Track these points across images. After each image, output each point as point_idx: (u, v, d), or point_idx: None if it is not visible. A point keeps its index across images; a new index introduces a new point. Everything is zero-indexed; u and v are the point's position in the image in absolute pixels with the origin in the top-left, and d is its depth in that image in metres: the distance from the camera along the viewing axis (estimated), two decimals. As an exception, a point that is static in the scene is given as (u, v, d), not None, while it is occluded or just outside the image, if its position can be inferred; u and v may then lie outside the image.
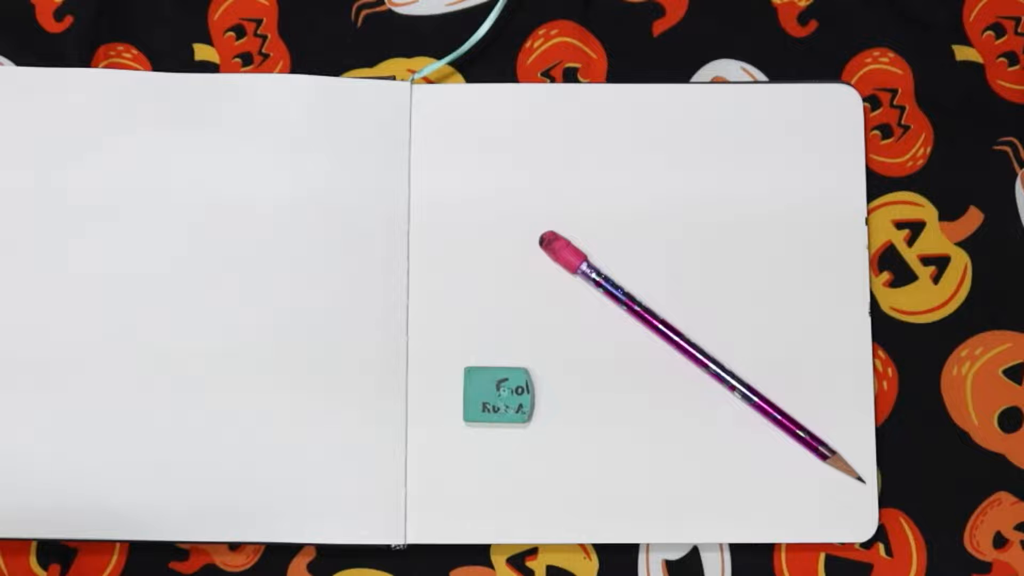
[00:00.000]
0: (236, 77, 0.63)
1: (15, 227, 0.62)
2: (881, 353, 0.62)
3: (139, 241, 0.62)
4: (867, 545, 0.61)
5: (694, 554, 0.62)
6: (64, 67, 0.64)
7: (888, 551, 0.61)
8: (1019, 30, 0.65)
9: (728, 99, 0.64)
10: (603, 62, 0.65)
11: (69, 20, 0.65)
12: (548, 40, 0.65)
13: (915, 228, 0.64)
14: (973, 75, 0.65)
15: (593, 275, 0.61)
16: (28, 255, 0.62)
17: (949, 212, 0.64)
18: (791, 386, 0.61)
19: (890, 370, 0.62)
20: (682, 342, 0.60)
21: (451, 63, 0.64)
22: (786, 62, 0.65)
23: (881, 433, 0.61)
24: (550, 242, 0.61)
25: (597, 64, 0.65)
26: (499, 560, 0.61)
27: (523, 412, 0.60)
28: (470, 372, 0.60)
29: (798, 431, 0.60)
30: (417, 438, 0.61)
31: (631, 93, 0.63)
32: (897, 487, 0.61)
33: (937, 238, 0.64)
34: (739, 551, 0.61)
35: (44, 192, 0.62)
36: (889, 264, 0.63)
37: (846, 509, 0.60)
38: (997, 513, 0.61)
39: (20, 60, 0.65)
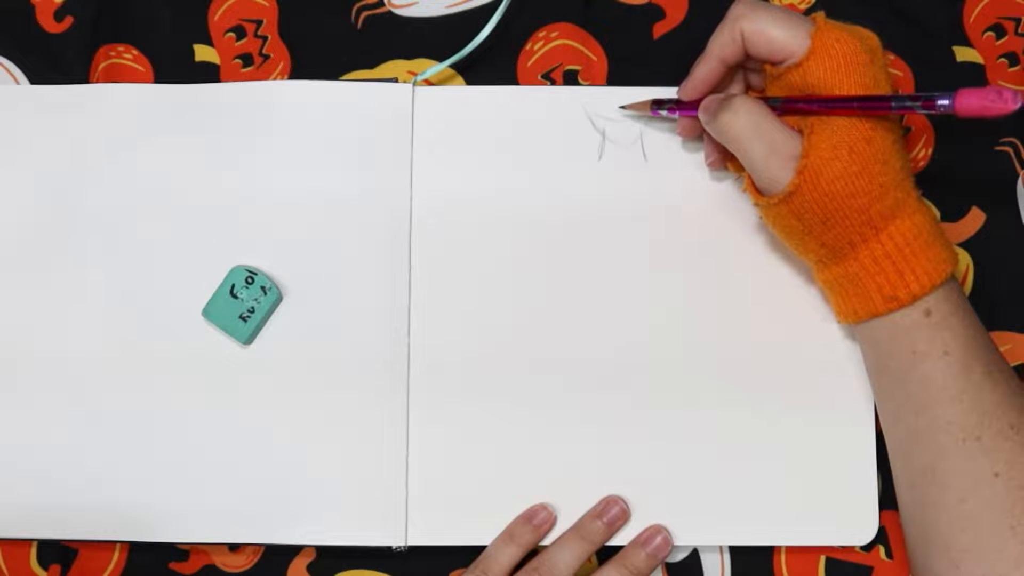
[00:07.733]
0: (239, 84, 0.64)
1: (25, 233, 0.62)
2: (882, 354, 0.62)
3: (140, 242, 0.62)
4: (868, 547, 0.61)
5: (694, 556, 0.61)
6: (63, 67, 0.64)
7: (888, 553, 0.61)
8: (1019, 31, 0.65)
9: (729, 101, 0.64)
10: (603, 64, 0.65)
11: (69, 20, 0.65)
12: (548, 42, 0.65)
13: (916, 229, 0.63)
14: (973, 76, 0.65)
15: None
16: (31, 256, 0.62)
17: (951, 213, 0.64)
18: (791, 386, 0.61)
19: (891, 371, 0.62)
20: None
21: (451, 65, 0.64)
22: (787, 64, 0.65)
23: (882, 435, 0.61)
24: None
25: (597, 66, 0.65)
26: (499, 561, 0.61)
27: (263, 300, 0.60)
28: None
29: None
30: (417, 438, 0.61)
31: (632, 95, 0.63)
32: (898, 488, 0.61)
33: (939, 239, 0.63)
34: (739, 553, 0.61)
35: (58, 204, 0.63)
36: (890, 265, 0.63)
37: (847, 511, 0.60)
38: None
39: (20, 60, 0.65)
